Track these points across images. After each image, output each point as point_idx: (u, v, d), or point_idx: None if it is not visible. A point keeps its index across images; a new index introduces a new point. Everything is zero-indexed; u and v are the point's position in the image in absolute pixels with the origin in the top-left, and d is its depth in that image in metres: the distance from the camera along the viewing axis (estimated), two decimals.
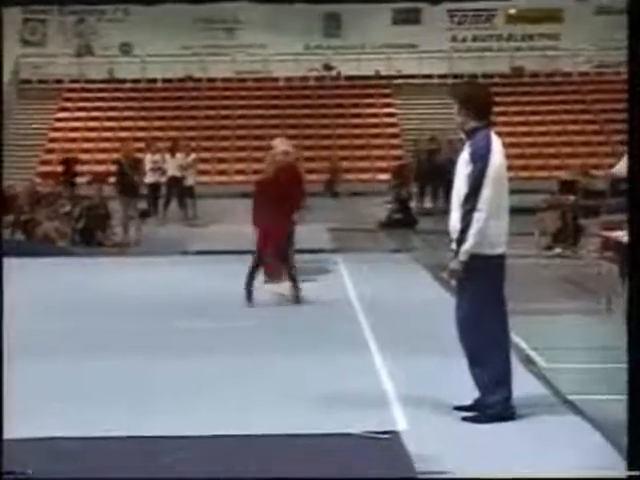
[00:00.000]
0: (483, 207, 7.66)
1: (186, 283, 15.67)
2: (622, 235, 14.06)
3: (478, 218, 7.65)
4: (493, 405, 7.87)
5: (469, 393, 8.03)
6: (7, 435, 6.71)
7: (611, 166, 25.61)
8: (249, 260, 13.68)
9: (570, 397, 8.63)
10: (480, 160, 7.72)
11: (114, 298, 14.66)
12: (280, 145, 14.74)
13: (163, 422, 7.82)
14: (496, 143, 7.87)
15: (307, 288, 14.36)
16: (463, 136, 8.07)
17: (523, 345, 10.53)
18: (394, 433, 7.32)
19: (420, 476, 5.61)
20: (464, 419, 7.88)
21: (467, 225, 7.68)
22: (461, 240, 7.71)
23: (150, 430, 7.53)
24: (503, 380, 7.93)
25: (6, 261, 17.21)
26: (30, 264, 18.55)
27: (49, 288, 15.95)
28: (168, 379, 9.45)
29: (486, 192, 7.67)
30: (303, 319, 12.44)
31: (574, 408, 8.25)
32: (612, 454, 7.02)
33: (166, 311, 13.35)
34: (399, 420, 7.89)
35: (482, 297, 7.85)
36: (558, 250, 19.59)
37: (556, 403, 8.46)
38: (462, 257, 7.72)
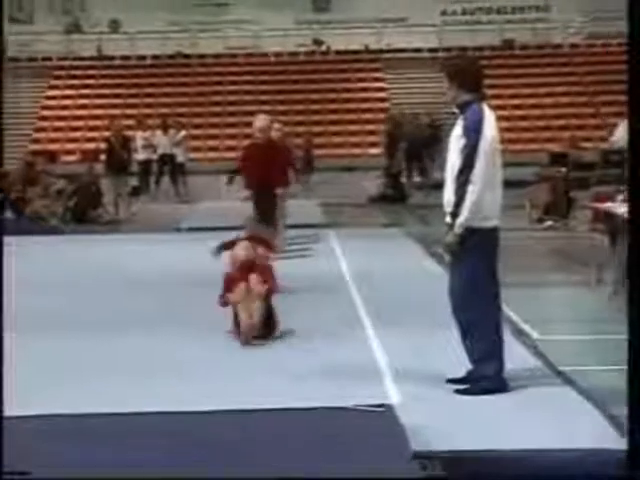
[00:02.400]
0: (477, 180, 7.68)
1: (180, 260, 15.68)
2: (612, 206, 14.10)
3: (472, 191, 7.67)
4: (485, 377, 7.90)
5: (461, 365, 8.07)
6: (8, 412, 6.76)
7: (602, 139, 25.68)
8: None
9: (562, 368, 8.67)
10: (473, 133, 7.73)
11: (106, 275, 14.67)
12: (257, 122, 14.73)
13: (164, 396, 7.86)
14: (489, 116, 7.88)
15: (299, 263, 14.40)
16: (455, 110, 8.08)
17: (515, 317, 10.56)
18: (387, 406, 7.35)
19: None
20: (457, 391, 7.92)
21: (461, 198, 7.70)
22: (455, 213, 7.74)
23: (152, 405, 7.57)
24: (495, 352, 7.96)
25: None
26: (21, 242, 18.55)
27: (40, 266, 15.97)
28: (165, 354, 9.48)
29: (479, 165, 7.69)
30: (294, 294, 12.42)
31: (566, 379, 8.29)
32: (603, 424, 7.07)
33: (159, 288, 13.38)
34: (392, 393, 7.92)
35: (475, 270, 7.87)
36: (549, 223, 19.62)
37: (548, 374, 8.50)
38: (457, 230, 7.75)
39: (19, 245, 18.19)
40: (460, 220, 7.72)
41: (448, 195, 7.92)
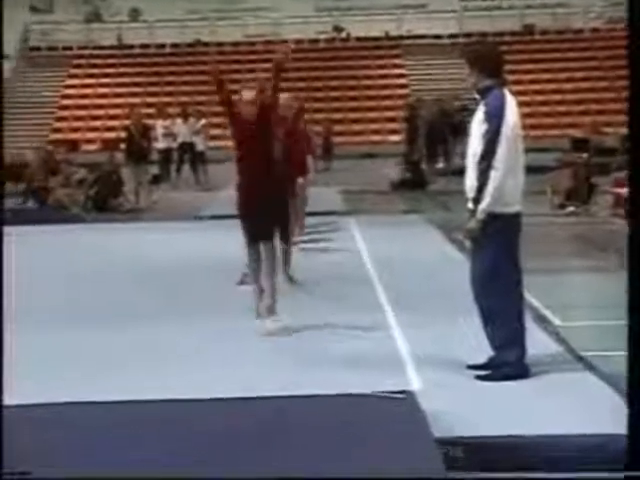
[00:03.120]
0: (499, 165, 7.68)
1: (201, 248, 15.70)
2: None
3: (494, 177, 7.67)
4: (507, 363, 7.91)
5: (483, 352, 8.08)
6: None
7: (623, 124, 25.61)
8: None
9: (583, 354, 8.67)
10: (495, 119, 7.73)
11: (126, 263, 14.71)
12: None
13: (184, 383, 7.89)
14: (510, 102, 7.88)
15: (319, 251, 14.42)
16: (477, 96, 8.08)
17: (536, 303, 10.55)
18: (408, 393, 7.36)
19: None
20: (478, 377, 7.93)
21: (484, 184, 7.71)
22: (478, 199, 7.74)
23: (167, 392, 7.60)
24: (517, 338, 7.97)
25: (19, 228, 17.41)
26: (43, 231, 18.65)
27: (61, 254, 16.01)
28: (186, 340, 9.52)
29: (501, 150, 7.69)
30: (316, 280, 12.44)
31: (587, 365, 8.30)
32: (624, 409, 7.07)
33: (180, 275, 13.41)
34: (413, 380, 7.94)
35: (497, 256, 7.87)
36: (571, 208, 19.59)
37: (569, 360, 8.50)
38: (480, 216, 7.75)
39: (41, 233, 18.34)
40: (482, 206, 7.72)
41: (470, 181, 7.92)
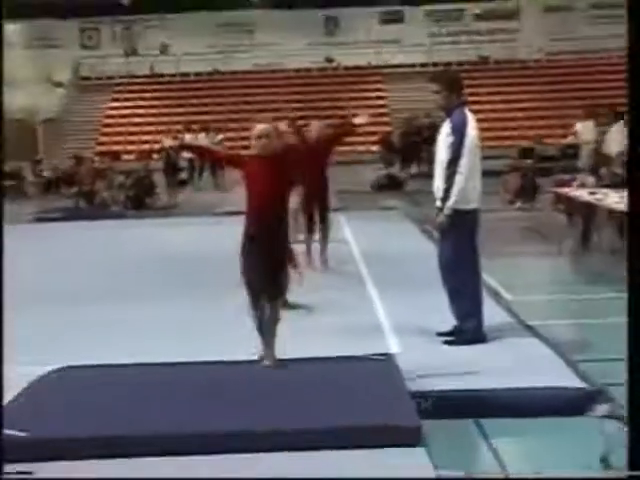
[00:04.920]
0: (462, 170, 7.72)
1: (217, 238, 15.66)
2: (570, 191, 14.07)
3: (459, 180, 7.72)
4: (468, 331, 7.94)
5: (449, 322, 8.08)
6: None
7: (561, 136, 25.56)
8: None
9: (530, 323, 8.67)
10: (459, 132, 7.77)
11: (157, 251, 14.72)
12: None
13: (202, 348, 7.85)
14: (470, 118, 7.91)
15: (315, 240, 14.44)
16: (443, 114, 8.08)
17: (492, 282, 10.56)
18: (389, 355, 7.36)
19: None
20: (445, 342, 7.94)
21: (450, 185, 7.74)
22: (445, 198, 7.76)
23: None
24: (476, 311, 8.00)
25: (72, 224, 17.38)
26: (91, 226, 18.66)
27: (106, 244, 16.03)
28: (201, 314, 9.49)
29: (464, 158, 7.73)
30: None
31: (533, 332, 8.30)
32: (563, 367, 7.08)
33: (200, 260, 13.39)
34: (393, 345, 7.95)
35: (460, 244, 7.91)
36: (519, 204, 19.60)
37: (519, 328, 8.50)
38: (447, 212, 7.79)
39: (90, 227, 18.35)
40: (449, 203, 7.75)
41: (438, 183, 7.95)
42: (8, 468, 5.33)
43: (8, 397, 6.18)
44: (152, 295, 10.88)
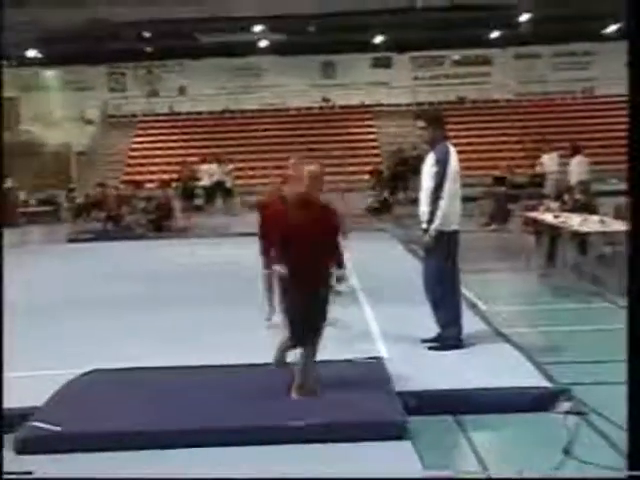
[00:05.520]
0: (445, 196, 7.74)
1: (229, 256, 15.70)
2: (537, 214, 14.09)
3: (442, 205, 7.72)
4: (449, 338, 7.93)
5: (432, 330, 8.08)
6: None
7: (529, 166, 25.58)
8: None
9: (502, 331, 8.67)
10: (442, 163, 7.79)
11: (176, 267, 14.73)
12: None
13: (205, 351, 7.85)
14: (452, 151, 7.93)
15: None
16: (427, 147, 8.10)
17: (469, 294, 10.56)
18: (378, 359, 7.36)
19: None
20: (429, 348, 7.94)
21: (435, 209, 7.75)
22: (431, 220, 7.76)
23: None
24: (456, 320, 8.00)
25: (100, 244, 17.37)
26: (117, 246, 18.67)
27: (131, 261, 16.04)
28: (213, 321, 9.49)
29: (447, 186, 7.75)
30: None
31: (505, 339, 8.29)
32: (531, 370, 7.08)
33: (212, 275, 13.40)
34: (382, 350, 7.94)
35: (442, 261, 7.91)
36: (493, 226, 19.61)
37: (493, 335, 8.50)
38: (432, 233, 7.80)
39: (116, 247, 18.36)
40: (434, 226, 7.76)
41: (423, 208, 7.95)
42: (43, 458, 5.36)
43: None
44: (167, 303, 10.96)
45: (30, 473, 5.08)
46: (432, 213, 7.78)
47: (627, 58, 4.36)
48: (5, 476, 4.85)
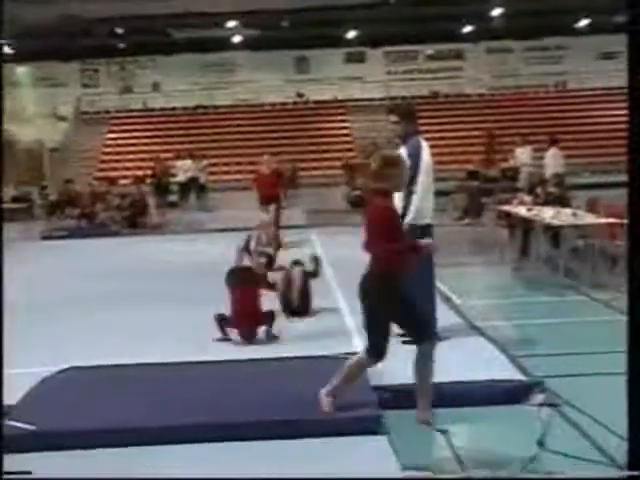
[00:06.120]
0: (418, 191, 7.73)
1: (202, 252, 15.67)
2: (510, 208, 14.16)
3: (415, 199, 7.72)
4: None
5: None
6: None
7: (502, 160, 25.68)
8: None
9: (476, 324, 8.71)
10: (415, 157, 7.78)
11: (149, 264, 14.70)
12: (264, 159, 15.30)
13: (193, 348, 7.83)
14: (424, 145, 7.94)
15: (289, 252, 14.40)
16: (398, 141, 8.11)
17: (443, 288, 10.59)
18: (353, 354, 7.35)
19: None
20: (403, 342, 7.92)
21: (408, 204, 7.74)
22: (404, 215, 7.75)
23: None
24: (430, 313, 8.00)
25: (74, 241, 17.21)
26: (91, 243, 18.57)
27: (105, 259, 15.96)
28: (185, 319, 9.47)
29: (420, 180, 7.74)
30: None
31: (479, 332, 8.34)
32: (505, 363, 7.12)
33: (186, 272, 13.36)
34: (357, 345, 7.94)
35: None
36: (466, 220, 19.69)
37: (467, 328, 8.55)
38: (405, 227, 7.78)
39: (90, 244, 18.26)
40: (407, 220, 7.75)
41: (395, 202, 7.93)
42: (16, 457, 5.31)
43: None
44: (141, 300, 10.92)
45: (29, 472, 5.07)
46: (405, 207, 7.77)
47: (627, 54, 4.36)
48: (5, 476, 4.86)
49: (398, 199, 7.88)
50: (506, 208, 14.33)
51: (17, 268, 14.99)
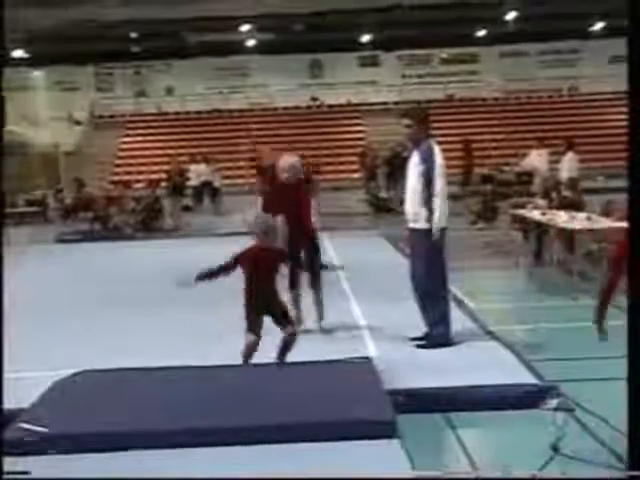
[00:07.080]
0: (438, 194, 7.72)
1: (216, 255, 15.64)
2: (524, 212, 14.10)
3: (437, 202, 7.71)
4: (437, 336, 7.92)
5: (420, 328, 8.07)
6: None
7: (516, 164, 25.61)
8: None
9: (490, 328, 8.67)
10: (429, 161, 7.76)
11: (164, 266, 14.66)
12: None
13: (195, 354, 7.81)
14: (437, 149, 7.91)
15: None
16: (410, 145, 8.08)
17: (458, 292, 10.56)
18: (368, 358, 7.34)
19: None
20: (417, 346, 7.93)
21: (431, 209, 7.71)
22: (430, 219, 7.73)
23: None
24: (444, 317, 7.99)
25: (88, 245, 17.25)
26: (105, 247, 18.61)
27: (119, 262, 15.99)
28: (197, 322, 9.45)
29: (438, 183, 7.72)
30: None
31: (493, 336, 8.30)
32: (519, 367, 7.08)
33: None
34: (371, 349, 7.93)
35: (430, 258, 7.88)
36: (481, 224, 19.63)
37: (481, 333, 8.50)
38: (436, 232, 7.73)
39: (104, 247, 18.29)
40: (436, 225, 7.72)
41: (408, 207, 7.93)
42: (30, 460, 5.31)
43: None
44: (156, 303, 10.88)
45: (28, 473, 5.06)
46: (431, 212, 7.73)
47: (627, 56, 4.32)
48: (4, 476, 4.85)
49: (410, 204, 7.86)
50: (520, 212, 14.27)
51: (31, 271, 15.07)
